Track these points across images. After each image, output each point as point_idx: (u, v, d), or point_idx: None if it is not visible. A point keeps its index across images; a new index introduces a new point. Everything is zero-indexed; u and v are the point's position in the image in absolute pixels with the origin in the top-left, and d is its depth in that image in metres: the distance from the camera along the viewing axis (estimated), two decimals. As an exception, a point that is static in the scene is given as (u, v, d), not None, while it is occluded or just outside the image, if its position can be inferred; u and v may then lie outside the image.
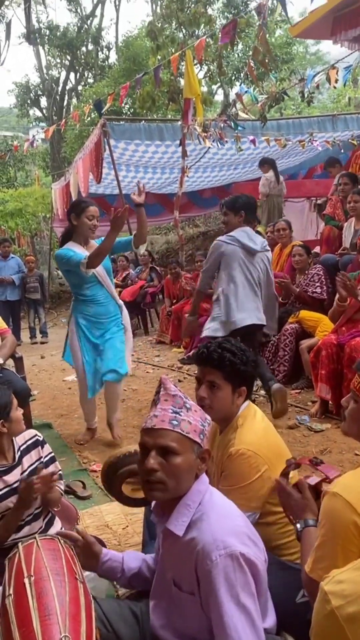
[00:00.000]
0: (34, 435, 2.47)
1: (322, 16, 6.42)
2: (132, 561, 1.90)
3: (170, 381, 1.65)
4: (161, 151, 8.59)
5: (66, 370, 7.42)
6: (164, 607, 1.71)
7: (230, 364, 2.14)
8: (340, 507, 1.46)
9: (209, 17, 13.58)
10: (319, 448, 3.96)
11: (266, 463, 2.06)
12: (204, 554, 1.49)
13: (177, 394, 1.61)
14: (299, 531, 1.75)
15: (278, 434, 2.34)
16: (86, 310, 4.24)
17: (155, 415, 1.59)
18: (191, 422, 1.59)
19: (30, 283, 10.33)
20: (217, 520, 1.55)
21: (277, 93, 7.17)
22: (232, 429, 2.17)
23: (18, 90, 24.19)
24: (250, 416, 2.21)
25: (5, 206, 15.53)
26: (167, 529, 1.59)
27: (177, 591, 1.63)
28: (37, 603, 1.45)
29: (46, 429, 4.78)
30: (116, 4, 25.20)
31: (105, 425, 4.84)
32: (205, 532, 1.53)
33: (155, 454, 1.56)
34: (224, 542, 1.48)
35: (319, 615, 1.30)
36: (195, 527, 1.57)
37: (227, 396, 2.17)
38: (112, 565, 1.87)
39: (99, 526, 3.08)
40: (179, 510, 1.60)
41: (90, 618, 1.50)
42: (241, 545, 1.50)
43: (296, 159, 10.32)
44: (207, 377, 2.18)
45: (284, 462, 2.14)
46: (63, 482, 2.51)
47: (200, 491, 1.62)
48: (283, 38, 17.80)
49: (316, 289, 5.47)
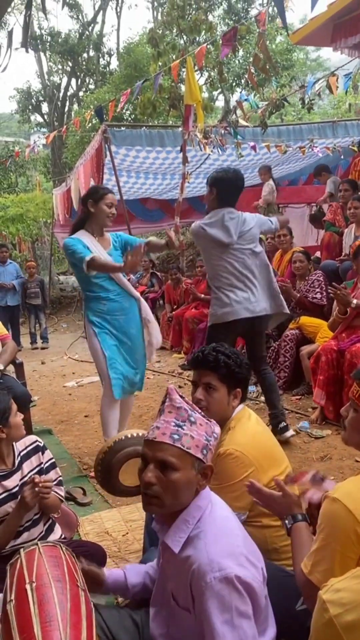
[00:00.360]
0: (34, 441, 2.47)
1: (323, 23, 6.45)
2: (134, 576, 1.90)
3: (176, 391, 1.60)
4: (162, 157, 8.62)
5: (67, 376, 7.43)
6: (164, 615, 1.70)
7: (225, 365, 2.19)
8: (341, 514, 1.46)
9: (209, 24, 13.62)
10: (319, 455, 3.96)
11: (253, 464, 2.10)
12: (198, 575, 1.47)
13: (182, 406, 1.57)
14: (288, 528, 1.76)
15: (274, 438, 2.37)
16: (99, 308, 3.87)
17: (157, 426, 1.56)
18: (194, 437, 1.55)
19: (31, 288, 10.33)
20: (214, 540, 1.52)
21: (277, 99, 7.19)
22: (225, 431, 2.22)
23: (19, 96, 24.26)
24: (244, 418, 2.26)
25: (6, 212, 15.56)
26: (164, 542, 1.58)
27: (175, 605, 1.62)
28: (38, 610, 1.45)
29: (46, 435, 4.78)
30: (117, 10, 25.30)
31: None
32: (201, 552, 1.50)
33: (153, 467, 1.54)
34: (219, 564, 1.46)
35: (318, 624, 1.30)
36: (191, 545, 1.54)
37: (223, 397, 2.22)
38: (117, 586, 1.89)
39: (99, 533, 3.08)
40: (178, 525, 1.57)
41: (91, 626, 1.50)
42: (237, 567, 1.47)
43: (296, 165, 10.34)
44: (203, 379, 2.24)
45: (275, 465, 2.16)
46: (63, 489, 2.51)
47: (201, 507, 1.59)
48: (283, 44, 17.85)
49: (316, 294, 5.48)
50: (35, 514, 2.35)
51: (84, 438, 4.77)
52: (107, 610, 1.85)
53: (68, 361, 8.66)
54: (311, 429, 4.45)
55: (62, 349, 9.83)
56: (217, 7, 18.84)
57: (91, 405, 5.82)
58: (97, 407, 5.66)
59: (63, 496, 2.47)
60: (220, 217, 3.85)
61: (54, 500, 2.36)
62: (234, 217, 3.88)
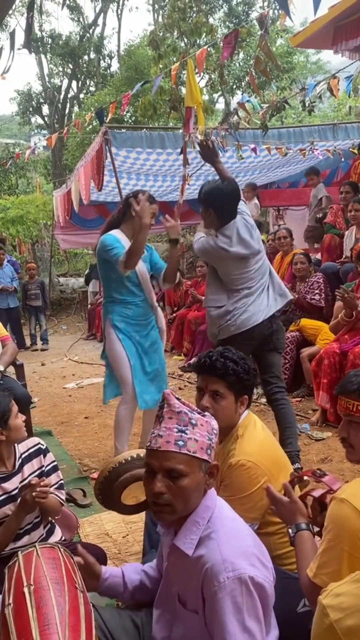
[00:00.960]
0: (36, 444, 2.46)
1: (323, 26, 6.45)
2: (133, 574, 1.88)
3: (174, 396, 1.57)
4: (162, 159, 8.61)
5: (67, 378, 7.43)
6: (168, 618, 1.68)
7: (234, 373, 2.13)
8: (348, 515, 1.45)
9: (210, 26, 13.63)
10: (319, 457, 3.95)
11: (266, 474, 2.06)
12: (211, 575, 1.45)
13: (181, 410, 1.53)
14: (292, 536, 1.75)
15: (278, 443, 2.35)
16: (124, 313, 3.80)
17: (159, 435, 1.52)
18: (198, 440, 1.52)
19: (32, 290, 10.35)
20: (226, 540, 1.51)
21: (278, 102, 7.19)
22: (233, 439, 2.17)
23: (20, 98, 24.30)
24: (250, 426, 2.21)
25: (7, 213, 15.56)
26: (175, 545, 1.56)
27: (180, 607, 1.60)
28: (36, 613, 1.44)
29: (46, 437, 4.77)
30: (118, 13, 25.35)
31: (107, 434, 4.84)
32: (214, 552, 1.48)
33: (161, 476, 1.51)
34: (233, 564, 1.44)
35: (318, 629, 1.30)
36: (203, 545, 1.53)
37: (231, 405, 2.17)
38: (114, 581, 1.85)
39: (99, 534, 3.08)
40: (188, 527, 1.56)
41: (90, 628, 1.49)
42: (250, 567, 1.46)
43: (297, 167, 10.34)
44: (211, 387, 2.17)
45: (283, 472, 2.13)
46: (64, 492, 2.49)
47: (209, 507, 1.58)
48: (284, 47, 17.88)
49: (315, 296, 5.48)
50: (35, 517, 2.34)
51: (84, 439, 4.77)
52: (107, 612, 1.83)
53: (68, 363, 8.66)
54: (311, 431, 4.44)
55: (62, 350, 9.83)
56: (218, 9, 18.89)
57: (91, 407, 5.81)
58: (97, 409, 5.67)
59: (64, 499, 2.45)
60: (236, 232, 3.58)
61: (54, 503, 2.35)
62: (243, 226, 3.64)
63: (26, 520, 2.29)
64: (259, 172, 10.30)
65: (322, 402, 4.54)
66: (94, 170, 7.84)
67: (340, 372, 4.45)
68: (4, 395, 2.35)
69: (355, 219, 5.67)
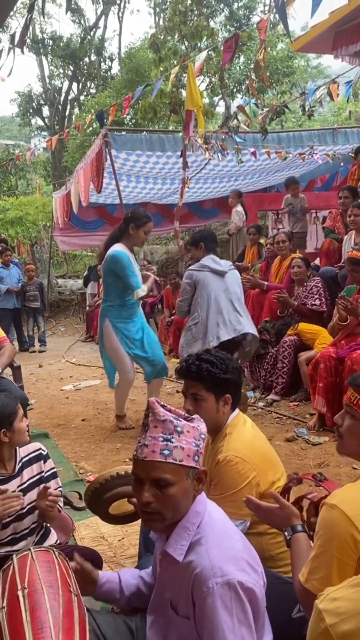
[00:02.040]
0: (38, 449, 2.44)
1: (324, 31, 6.48)
2: (130, 579, 1.88)
3: (159, 404, 1.55)
4: (162, 162, 8.63)
5: (64, 380, 7.42)
6: (161, 624, 1.67)
7: (208, 374, 2.15)
8: (338, 520, 1.45)
9: (211, 30, 13.67)
10: (316, 461, 3.95)
11: (255, 469, 2.07)
12: (200, 580, 1.45)
13: (166, 419, 1.51)
14: (288, 538, 1.74)
15: (268, 442, 2.35)
16: (122, 315, 4.72)
17: (145, 444, 1.51)
18: (184, 447, 1.50)
19: (30, 291, 10.39)
20: (215, 545, 1.50)
21: (278, 106, 7.22)
22: (221, 437, 2.19)
23: (20, 99, 24.34)
24: (239, 424, 2.23)
25: (6, 214, 15.57)
26: (165, 551, 1.55)
27: (173, 613, 1.60)
28: (30, 616, 1.43)
29: (43, 439, 4.76)
30: (119, 15, 25.42)
31: (104, 436, 4.84)
32: (203, 557, 1.48)
33: (149, 486, 1.50)
34: (222, 570, 1.44)
35: (314, 634, 1.29)
36: (193, 551, 1.52)
37: (212, 406, 2.19)
38: (111, 587, 1.84)
39: (95, 538, 3.07)
40: (178, 532, 1.55)
41: (84, 632, 1.48)
42: (239, 572, 1.46)
43: (296, 172, 10.37)
44: (190, 390, 2.21)
45: (272, 469, 2.14)
46: (62, 499, 2.47)
47: (199, 512, 1.57)
48: (284, 51, 17.91)
49: (315, 301, 5.48)
50: (33, 522, 2.32)
51: (80, 442, 4.76)
52: (101, 616, 1.83)
53: (66, 365, 8.65)
54: (309, 435, 4.44)
55: (60, 352, 9.82)
56: (219, 13, 18.96)
57: (88, 409, 5.81)
58: (94, 412, 5.67)
59: (62, 506, 2.42)
60: (212, 257, 4.72)
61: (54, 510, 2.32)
62: (218, 258, 4.79)
63: (23, 524, 2.28)
64: (259, 176, 10.33)
65: (319, 406, 4.54)
66: (93, 172, 7.85)
67: (336, 376, 4.44)
68: (11, 398, 2.35)
69: (354, 223, 5.67)
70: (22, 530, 2.28)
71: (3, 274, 9.95)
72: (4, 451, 2.31)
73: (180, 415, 1.57)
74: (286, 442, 4.34)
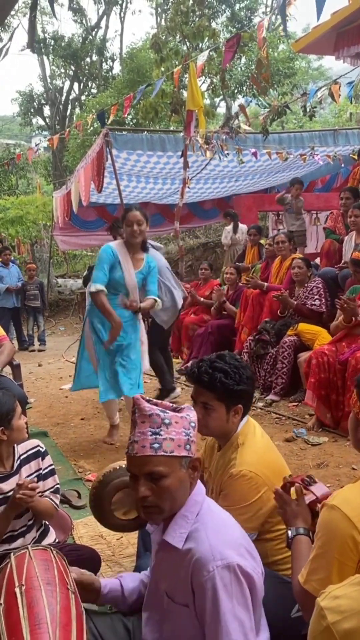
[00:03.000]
0: (36, 446, 2.44)
1: (325, 32, 6.46)
2: (131, 584, 1.87)
3: (144, 399, 1.56)
4: (163, 162, 8.63)
5: (63, 379, 7.41)
6: (156, 619, 1.68)
7: (221, 385, 2.07)
8: (339, 521, 1.45)
9: (213, 30, 13.70)
10: (315, 461, 3.94)
11: (266, 484, 2.03)
12: (200, 565, 1.47)
13: (152, 413, 1.52)
14: (290, 538, 1.74)
15: (277, 450, 2.33)
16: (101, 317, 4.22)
17: (135, 440, 1.52)
18: (174, 438, 1.51)
19: (30, 291, 10.40)
20: (214, 531, 1.52)
21: (279, 106, 7.21)
22: (233, 447, 2.14)
23: (21, 99, 24.34)
24: (250, 433, 2.17)
25: (6, 213, 15.56)
26: (164, 541, 1.56)
27: (169, 602, 1.60)
28: (27, 612, 1.43)
29: (42, 437, 4.75)
30: (121, 16, 25.43)
31: (103, 435, 4.83)
32: (202, 543, 1.50)
33: (143, 480, 1.52)
34: (221, 553, 1.46)
35: (315, 632, 1.29)
36: (192, 538, 1.54)
37: (222, 416, 2.12)
38: (113, 595, 1.85)
39: (93, 536, 3.06)
40: (177, 522, 1.56)
41: (81, 629, 1.48)
42: (238, 557, 1.48)
43: (297, 173, 10.36)
44: (200, 398, 2.13)
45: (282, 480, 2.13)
46: (59, 496, 2.46)
47: (198, 501, 1.59)
48: (286, 52, 17.91)
49: (315, 301, 5.48)
50: (29, 520, 2.32)
51: (79, 441, 4.75)
52: (98, 616, 1.83)
53: (65, 364, 8.64)
54: (308, 435, 4.43)
55: (59, 351, 9.82)
56: (221, 14, 18.96)
57: (87, 408, 5.80)
58: (93, 411, 5.66)
59: (58, 504, 2.42)
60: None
61: (48, 506, 2.32)
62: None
63: (20, 522, 2.28)
64: (259, 177, 10.32)
65: (308, 399, 4.58)
66: (94, 172, 7.84)
67: (329, 372, 4.49)
68: (9, 395, 2.34)
69: (355, 224, 5.67)
70: (20, 527, 2.28)
71: (3, 273, 9.98)
72: (2, 449, 2.31)
73: (168, 407, 1.57)
74: (285, 443, 4.34)
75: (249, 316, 6.42)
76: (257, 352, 5.70)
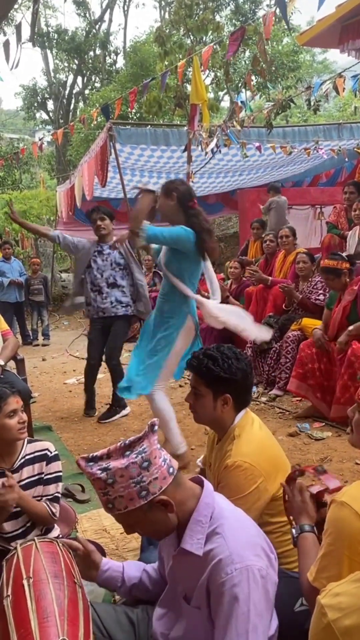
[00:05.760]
0: (45, 449, 2.39)
1: (330, 25, 6.42)
2: (133, 571, 1.88)
3: (83, 461, 1.57)
4: (166, 156, 8.61)
5: (67, 373, 7.43)
6: (171, 618, 1.68)
7: (207, 370, 2.13)
8: (349, 518, 1.44)
9: (217, 24, 13.61)
10: (319, 456, 3.95)
11: (262, 475, 2.05)
12: (219, 567, 1.46)
13: (95, 476, 1.51)
14: (295, 537, 1.73)
15: (277, 442, 2.33)
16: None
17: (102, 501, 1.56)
18: (123, 495, 1.49)
19: (34, 285, 10.40)
20: (232, 533, 1.52)
21: (283, 100, 7.18)
22: (230, 439, 2.16)
23: (25, 93, 24.28)
24: (247, 426, 2.19)
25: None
26: (183, 549, 1.55)
27: (184, 604, 1.61)
28: (35, 605, 1.44)
29: (46, 432, 4.77)
30: (125, 9, 25.34)
31: (107, 430, 4.84)
32: (221, 546, 1.49)
33: (125, 526, 1.58)
34: (240, 556, 1.46)
35: (316, 628, 1.29)
36: (210, 541, 1.53)
37: (209, 403, 2.16)
38: (112, 575, 1.85)
39: (97, 530, 3.07)
40: (192, 528, 1.55)
41: (88, 622, 1.49)
42: (256, 558, 1.48)
43: (301, 167, 10.34)
44: (192, 384, 2.22)
45: (282, 472, 2.12)
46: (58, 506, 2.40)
47: (209, 504, 1.58)
48: (290, 46, 17.82)
49: (319, 296, 5.47)
50: (27, 522, 2.29)
51: (83, 435, 4.77)
52: (102, 608, 1.84)
53: (69, 358, 8.66)
54: (311, 430, 4.44)
55: (63, 346, 9.83)
56: (225, 7, 18.85)
57: (91, 403, 5.81)
58: (97, 405, 5.67)
59: (56, 512, 2.36)
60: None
61: (40, 510, 2.29)
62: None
63: (19, 523, 2.28)
64: (263, 171, 10.29)
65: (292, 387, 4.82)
66: (97, 166, 7.83)
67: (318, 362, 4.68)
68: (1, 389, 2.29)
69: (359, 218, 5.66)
70: (20, 527, 2.28)
71: (4, 267, 9.94)
72: (3, 445, 2.29)
73: (110, 457, 1.54)
74: (289, 437, 4.35)
75: (252, 311, 6.40)
76: (260, 346, 5.69)
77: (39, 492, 2.33)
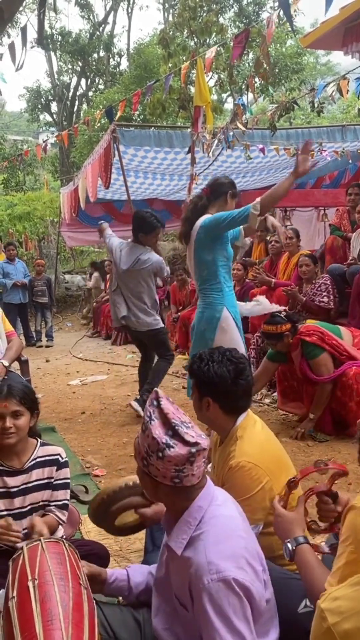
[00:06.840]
0: (57, 454, 2.40)
1: (334, 27, 6.42)
2: (138, 576, 1.88)
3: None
4: (170, 158, 8.62)
5: (71, 375, 7.44)
6: (167, 611, 1.69)
7: (191, 371, 2.22)
8: None
9: (220, 26, 13.64)
10: (322, 458, 3.94)
11: (267, 474, 2.04)
12: (196, 576, 1.47)
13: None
14: (292, 550, 1.65)
15: (279, 443, 2.33)
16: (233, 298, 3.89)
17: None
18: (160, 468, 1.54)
19: (38, 286, 10.43)
20: (214, 541, 1.51)
21: (287, 102, 7.18)
22: (232, 441, 2.15)
23: (29, 95, 24.36)
24: (249, 427, 2.18)
25: (14, 209, 15.60)
26: (168, 544, 1.58)
27: (177, 603, 1.62)
28: (40, 608, 1.43)
29: (50, 433, 4.78)
30: (128, 11, 25.39)
31: (111, 431, 4.84)
32: (200, 553, 1.49)
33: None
34: (217, 567, 1.45)
35: (317, 632, 1.29)
36: (192, 546, 1.53)
37: (196, 404, 2.23)
38: (119, 585, 1.86)
39: (101, 531, 3.06)
40: (179, 527, 1.57)
41: (93, 625, 1.48)
42: (236, 569, 1.46)
43: (305, 169, 10.33)
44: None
45: (285, 471, 2.11)
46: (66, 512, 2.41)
47: (202, 507, 1.57)
48: (294, 48, 17.84)
49: (323, 298, 5.47)
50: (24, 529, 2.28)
51: (87, 436, 4.77)
52: (109, 608, 1.84)
53: (72, 360, 8.67)
54: (315, 432, 4.43)
55: (67, 347, 9.85)
56: (228, 9, 18.88)
57: (95, 404, 5.82)
58: (100, 406, 5.68)
59: (64, 519, 2.37)
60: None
61: (51, 523, 2.30)
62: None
63: (22, 524, 2.28)
64: (267, 173, 10.29)
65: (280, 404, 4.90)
66: (101, 168, 7.84)
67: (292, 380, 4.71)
68: None
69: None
70: (23, 530, 2.27)
71: (8, 269, 9.99)
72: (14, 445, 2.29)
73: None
74: (292, 439, 4.34)
75: (256, 312, 6.40)
76: (264, 348, 5.69)
77: (47, 496, 2.34)
